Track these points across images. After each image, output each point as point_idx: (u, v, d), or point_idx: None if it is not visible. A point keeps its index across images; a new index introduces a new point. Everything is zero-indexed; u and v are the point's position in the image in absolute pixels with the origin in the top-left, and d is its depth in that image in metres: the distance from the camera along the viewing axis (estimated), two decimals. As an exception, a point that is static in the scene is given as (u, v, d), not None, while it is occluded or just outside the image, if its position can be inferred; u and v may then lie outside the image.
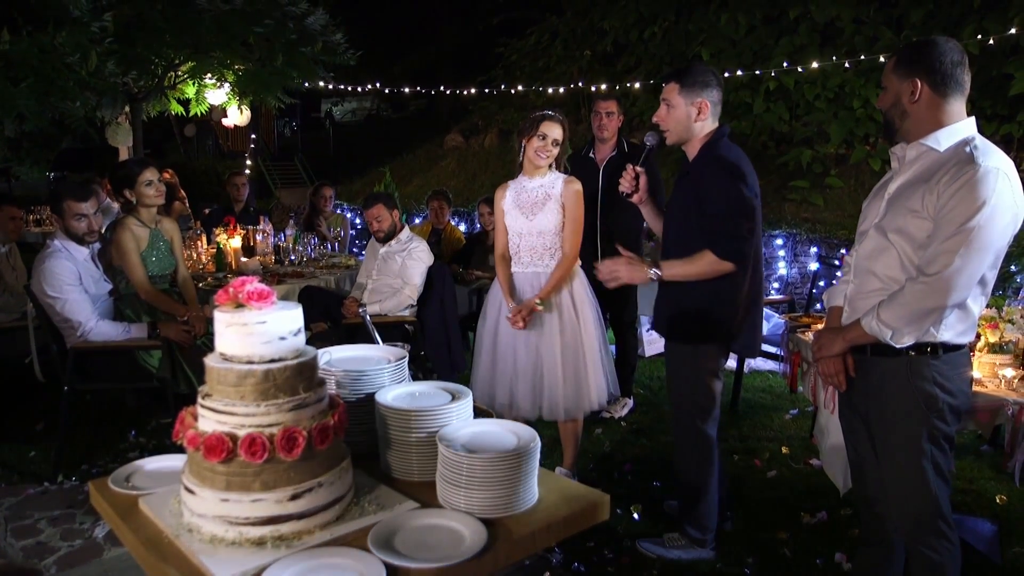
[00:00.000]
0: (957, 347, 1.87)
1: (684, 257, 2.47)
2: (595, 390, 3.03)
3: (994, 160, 1.74)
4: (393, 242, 4.22)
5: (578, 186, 3.05)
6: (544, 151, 2.98)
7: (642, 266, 2.49)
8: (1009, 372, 2.59)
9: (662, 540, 2.76)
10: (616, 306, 4.27)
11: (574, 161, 4.36)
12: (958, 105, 1.83)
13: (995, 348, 2.68)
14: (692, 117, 2.47)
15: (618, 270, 2.52)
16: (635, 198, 2.64)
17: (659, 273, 2.47)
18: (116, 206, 5.35)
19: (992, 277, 1.85)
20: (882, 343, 1.86)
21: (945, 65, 1.80)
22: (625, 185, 2.62)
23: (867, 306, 1.91)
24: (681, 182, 2.59)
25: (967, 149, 1.77)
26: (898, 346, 1.84)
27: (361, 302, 4.10)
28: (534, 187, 3.06)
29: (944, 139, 1.82)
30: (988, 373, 2.64)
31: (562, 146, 3.02)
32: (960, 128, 1.82)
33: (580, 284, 3.09)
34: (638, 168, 2.62)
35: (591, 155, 4.16)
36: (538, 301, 2.97)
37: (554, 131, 2.96)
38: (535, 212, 3.03)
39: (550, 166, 3.06)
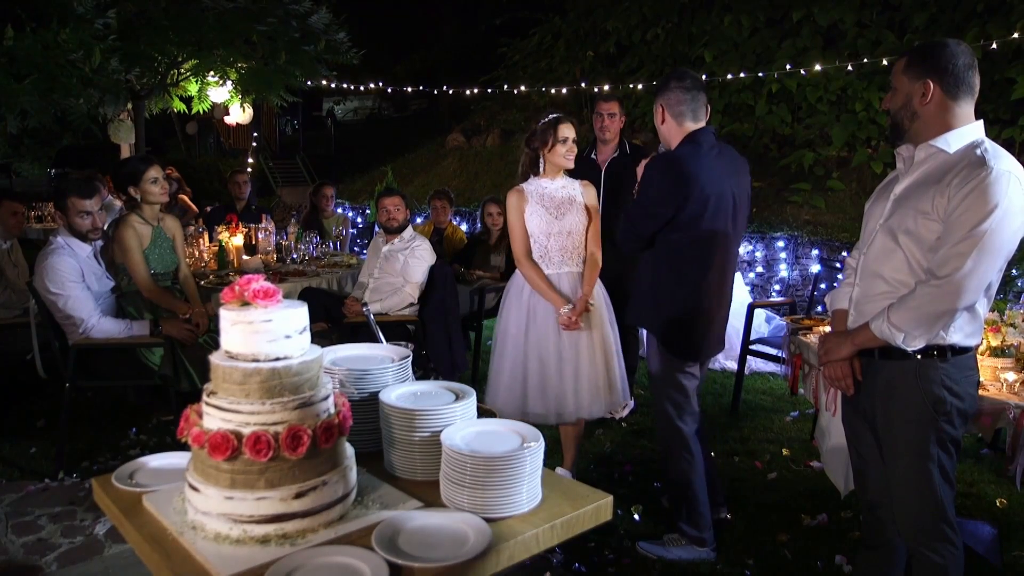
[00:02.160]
0: (965, 350, 1.87)
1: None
2: (623, 384, 3.10)
3: (1005, 163, 1.74)
4: (396, 240, 4.23)
5: (594, 190, 3.16)
6: (571, 152, 3.01)
7: None
8: (1011, 376, 2.59)
9: (662, 541, 2.77)
10: (616, 308, 4.26)
11: (575, 162, 4.36)
12: (967, 108, 1.83)
13: (997, 352, 2.68)
14: (658, 121, 2.64)
15: None
16: None
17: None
18: (118, 203, 5.36)
19: (997, 280, 1.84)
20: (890, 346, 1.86)
21: (957, 67, 1.79)
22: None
23: (874, 310, 1.91)
24: None
25: (977, 152, 1.77)
26: (909, 349, 1.84)
27: (364, 301, 4.10)
28: (557, 188, 3.05)
29: (953, 141, 1.81)
30: (990, 377, 2.64)
31: None
32: (968, 131, 1.82)
33: (600, 285, 3.14)
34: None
35: (592, 156, 4.15)
36: (592, 302, 2.99)
37: (572, 131, 3.01)
38: (563, 213, 3.02)
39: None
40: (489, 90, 10.72)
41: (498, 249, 5.11)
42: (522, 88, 10.10)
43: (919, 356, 1.85)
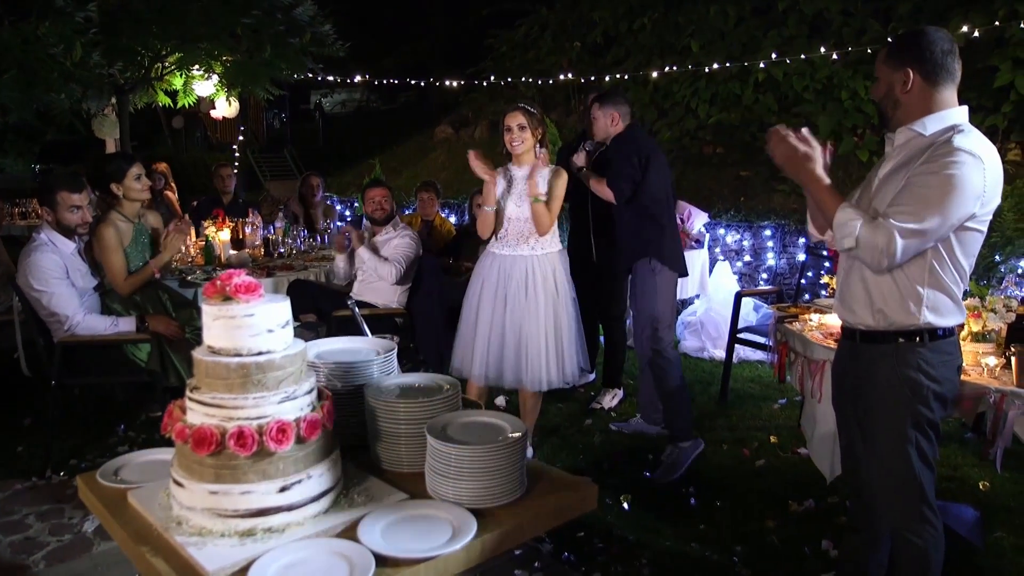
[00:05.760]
0: (943, 333, 1.89)
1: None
2: (570, 364, 3.21)
3: (970, 143, 1.77)
4: (383, 232, 4.26)
5: (564, 178, 3.27)
6: (514, 141, 3.20)
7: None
8: (992, 360, 2.62)
9: (664, 463, 3.27)
10: (604, 300, 4.28)
11: (565, 153, 4.37)
12: (949, 94, 1.86)
13: (978, 337, 2.71)
14: (608, 124, 3.55)
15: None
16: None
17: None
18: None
19: (968, 265, 1.88)
20: (872, 330, 1.91)
21: (936, 54, 1.82)
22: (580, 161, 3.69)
23: (850, 294, 1.95)
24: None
25: (951, 134, 1.80)
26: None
27: (349, 295, 4.09)
28: (521, 176, 3.22)
29: (930, 124, 1.85)
30: (971, 361, 2.66)
31: (533, 129, 3.20)
32: (948, 115, 1.85)
33: (563, 267, 3.26)
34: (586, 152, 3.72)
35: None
36: (539, 196, 3.13)
37: (514, 120, 3.20)
38: (523, 200, 3.19)
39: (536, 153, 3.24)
40: (477, 82, 10.68)
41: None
42: (509, 79, 10.07)
43: (899, 340, 1.88)
